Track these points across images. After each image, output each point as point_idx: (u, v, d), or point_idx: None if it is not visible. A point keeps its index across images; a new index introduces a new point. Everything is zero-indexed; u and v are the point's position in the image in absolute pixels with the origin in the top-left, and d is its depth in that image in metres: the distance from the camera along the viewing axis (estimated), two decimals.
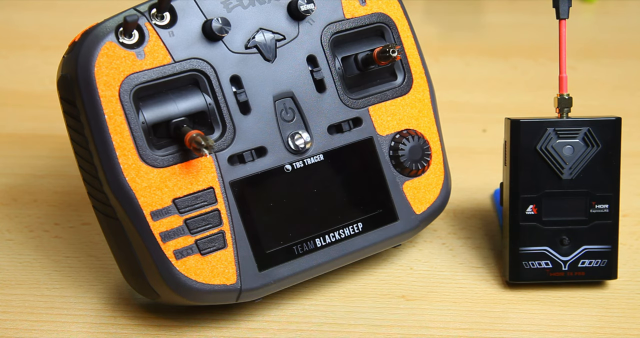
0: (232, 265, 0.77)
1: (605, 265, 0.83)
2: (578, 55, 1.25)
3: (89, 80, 0.74)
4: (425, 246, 0.90)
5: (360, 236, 0.82)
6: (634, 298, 0.84)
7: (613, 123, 0.82)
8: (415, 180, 0.85)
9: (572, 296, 0.84)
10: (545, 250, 0.83)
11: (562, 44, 0.83)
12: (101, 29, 0.75)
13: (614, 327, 0.81)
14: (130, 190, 0.75)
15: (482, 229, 0.93)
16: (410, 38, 0.86)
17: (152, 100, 0.76)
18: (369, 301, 0.83)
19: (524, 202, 0.83)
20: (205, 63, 0.77)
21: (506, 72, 1.23)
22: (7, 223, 0.94)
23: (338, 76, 0.82)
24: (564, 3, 0.83)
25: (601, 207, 0.83)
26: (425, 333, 0.80)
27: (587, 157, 0.82)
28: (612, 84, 1.21)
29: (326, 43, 0.82)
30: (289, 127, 0.81)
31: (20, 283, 0.85)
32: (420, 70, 0.86)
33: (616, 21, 1.40)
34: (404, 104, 0.85)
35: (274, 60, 0.80)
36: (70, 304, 0.83)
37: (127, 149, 0.75)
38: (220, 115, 0.78)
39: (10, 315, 0.81)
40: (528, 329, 0.80)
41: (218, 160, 0.78)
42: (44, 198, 0.97)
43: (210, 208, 0.77)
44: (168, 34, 0.76)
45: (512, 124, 0.83)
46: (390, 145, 0.84)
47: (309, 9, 0.80)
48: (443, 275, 0.87)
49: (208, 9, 0.78)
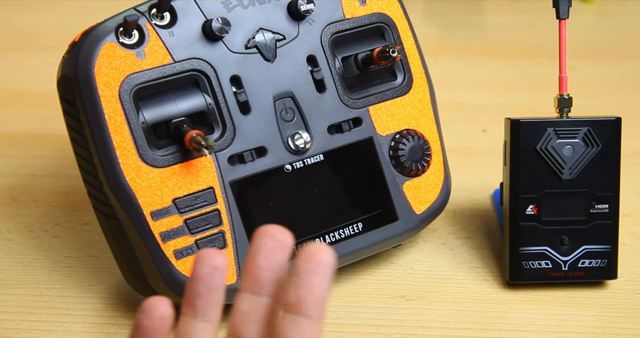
0: (232, 265, 0.77)
1: (605, 265, 0.83)
2: (578, 55, 1.25)
3: (89, 80, 0.74)
4: (425, 246, 0.90)
5: (360, 236, 0.82)
6: (634, 298, 0.84)
7: (613, 123, 0.82)
8: (415, 180, 0.85)
9: (572, 296, 0.84)
10: (545, 250, 0.83)
11: (562, 44, 0.83)
12: (101, 29, 0.75)
13: (614, 327, 0.81)
14: (130, 190, 0.75)
15: (482, 229, 0.93)
16: (410, 38, 0.86)
17: (152, 100, 0.76)
18: (369, 301, 0.83)
19: (524, 202, 0.83)
20: (205, 63, 0.77)
21: (506, 72, 1.23)
22: (7, 223, 0.94)
23: (338, 76, 0.82)
24: (564, 3, 0.83)
25: (601, 207, 0.83)
26: (425, 333, 0.80)
27: (587, 157, 0.82)
28: (612, 84, 1.21)
29: (326, 43, 0.82)
30: (289, 127, 0.81)
31: (20, 283, 0.85)
32: (420, 70, 0.86)
33: (616, 21, 1.40)
34: (404, 104, 0.85)
35: (274, 60, 0.80)
36: (70, 304, 0.83)
37: (127, 149, 0.75)
38: (220, 115, 0.78)
39: (10, 315, 0.81)
40: (528, 329, 0.80)
41: (218, 160, 0.78)
42: (44, 198, 0.97)
43: (210, 208, 0.77)
44: (168, 34, 0.76)
45: (512, 124, 0.83)
46: (390, 145, 0.84)
47: (309, 9, 0.80)
48: (443, 275, 0.87)
49: (208, 9, 0.78)
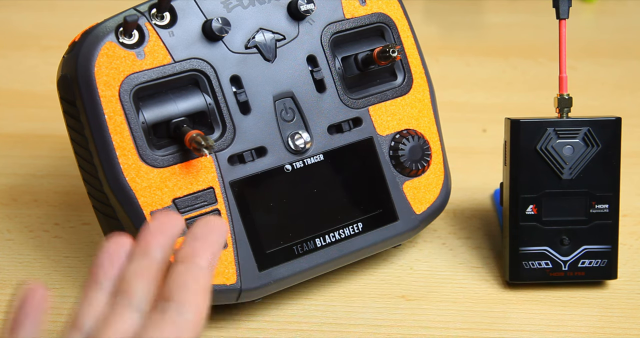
0: (232, 265, 0.77)
1: (605, 265, 0.83)
2: (578, 55, 1.25)
3: (89, 80, 0.74)
4: (425, 246, 0.90)
5: (360, 236, 0.82)
6: (634, 298, 0.84)
7: (613, 123, 0.82)
8: (415, 180, 0.85)
9: (572, 296, 0.84)
10: (545, 250, 0.83)
11: (562, 44, 0.83)
12: (101, 29, 0.75)
13: (614, 327, 0.81)
14: (130, 190, 0.75)
15: (482, 229, 0.93)
16: (410, 38, 0.86)
17: (152, 100, 0.76)
18: (369, 301, 0.83)
19: (524, 202, 0.83)
20: (205, 63, 0.77)
21: (506, 72, 1.23)
22: (7, 223, 0.94)
23: (338, 76, 0.82)
24: (564, 3, 0.83)
25: (601, 207, 0.83)
26: (425, 333, 0.80)
27: (587, 157, 0.82)
28: (612, 84, 1.21)
29: (326, 43, 0.82)
30: (289, 127, 0.81)
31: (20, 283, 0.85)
32: (420, 70, 0.86)
33: (616, 21, 1.40)
34: (404, 104, 0.85)
35: (274, 60, 0.80)
36: (70, 304, 0.82)
37: (127, 149, 0.75)
38: (220, 115, 0.78)
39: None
40: (528, 329, 0.80)
41: (218, 160, 0.78)
42: (44, 199, 0.97)
43: (210, 209, 0.77)
44: (168, 34, 0.76)
45: (512, 124, 0.83)
46: (390, 145, 0.84)
47: (309, 9, 0.80)
48: (443, 275, 0.87)
49: (208, 9, 0.78)
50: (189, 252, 0.60)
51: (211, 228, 0.61)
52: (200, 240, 0.60)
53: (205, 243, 0.60)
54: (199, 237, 0.60)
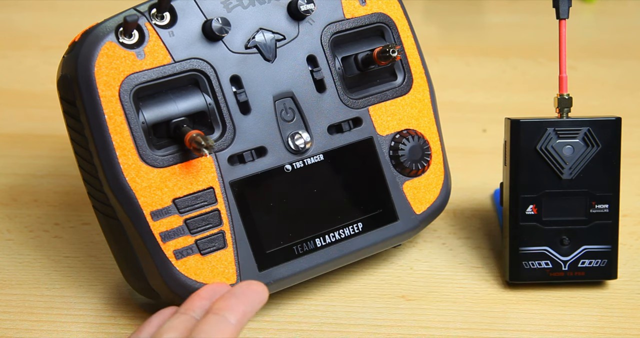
0: (232, 265, 0.77)
1: (605, 265, 0.83)
2: (578, 55, 1.25)
3: (89, 80, 0.74)
4: (425, 246, 0.90)
5: (360, 236, 0.82)
6: (634, 298, 0.84)
7: (613, 123, 0.82)
8: (415, 180, 0.85)
9: (572, 296, 0.84)
10: (545, 250, 0.83)
11: (562, 44, 0.83)
12: (101, 29, 0.75)
13: (614, 327, 0.81)
14: (130, 190, 0.75)
15: (482, 229, 0.93)
16: (410, 38, 0.86)
17: (152, 100, 0.76)
18: (369, 301, 0.83)
19: (524, 202, 0.83)
20: (205, 63, 0.77)
21: (506, 72, 1.23)
22: (7, 223, 0.94)
23: (338, 76, 0.82)
24: (564, 3, 0.83)
25: (601, 207, 0.83)
26: (425, 333, 0.80)
27: (587, 157, 0.82)
28: (612, 84, 1.21)
29: (326, 43, 0.82)
30: (289, 127, 0.81)
31: (20, 283, 0.85)
32: (420, 70, 0.86)
33: (616, 21, 1.40)
34: (404, 104, 0.85)
35: (274, 60, 0.80)
36: (70, 304, 0.83)
37: (127, 149, 0.75)
38: (220, 115, 0.78)
39: (10, 315, 0.81)
40: (528, 329, 0.80)
41: (218, 160, 0.78)
42: (44, 199, 0.97)
43: (210, 208, 0.77)
44: (168, 34, 0.76)
45: (512, 124, 0.83)
46: (390, 145, 0.84)
47: (309, 9, 0.80)
48: (443, 275, 0.87)
49: (208, 9, 0.78)
50: (222, 306, 0.65)
51: (251, 290, 0.67)
52: (236, 298, 0.66)
53: (240, 301, 0.66)
54: (237, 294, 0.66)
